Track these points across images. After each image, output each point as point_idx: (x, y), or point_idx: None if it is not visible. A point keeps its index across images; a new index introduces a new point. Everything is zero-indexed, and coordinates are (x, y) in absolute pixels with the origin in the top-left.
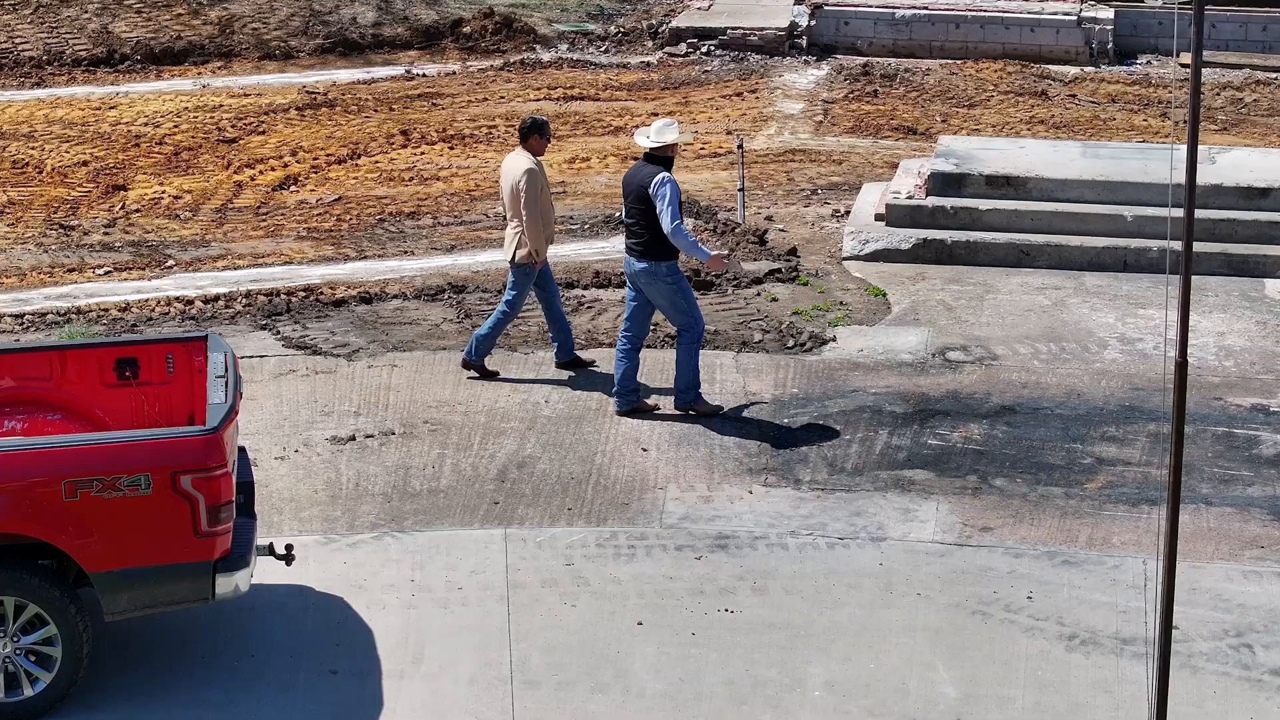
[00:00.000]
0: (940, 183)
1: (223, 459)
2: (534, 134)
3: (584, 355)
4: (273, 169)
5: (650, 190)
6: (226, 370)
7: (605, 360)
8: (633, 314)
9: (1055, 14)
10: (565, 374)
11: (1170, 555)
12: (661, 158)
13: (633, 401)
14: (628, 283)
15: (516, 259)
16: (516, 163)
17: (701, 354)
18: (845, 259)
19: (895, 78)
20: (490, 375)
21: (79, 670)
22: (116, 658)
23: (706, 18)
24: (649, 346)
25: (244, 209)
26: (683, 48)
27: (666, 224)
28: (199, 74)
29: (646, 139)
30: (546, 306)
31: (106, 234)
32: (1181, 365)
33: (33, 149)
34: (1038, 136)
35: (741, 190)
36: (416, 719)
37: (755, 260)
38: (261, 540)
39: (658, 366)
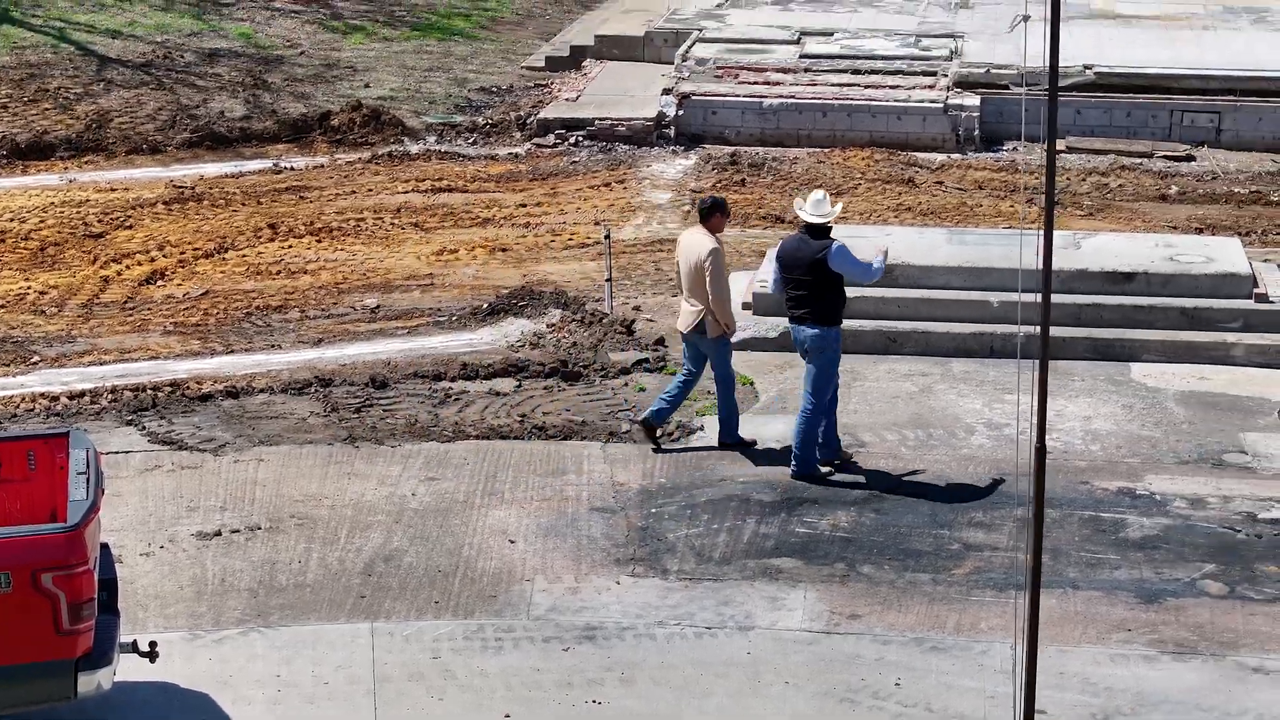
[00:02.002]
0: None
1: (84, 556)
2: (716, 212)
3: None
4: (139, 263)
5: (831, 262)
6: (88, 466)
7: (474, 453)
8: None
9: (922, 102)
10: (432, 471)
11: (1032, 639)
12: (823, 229)
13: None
14: (800, 352)
15: (710, 335)
16: (699, 241)
17: (568, 445)
18: None
19: (763, 167)
20: (656, 442)
21: None
22: None
23: (574, 109)
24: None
25: (110, 304)
26: (551, 139)
27: (868, 277)
28: (65, 168)
29: (806, 213)
30: (690, 383)
31: None
32: (1040, 450)
33: None
34: (905, 224)
35: (609, 280)
36: None
37: (623, 350)
38: (125, 637)
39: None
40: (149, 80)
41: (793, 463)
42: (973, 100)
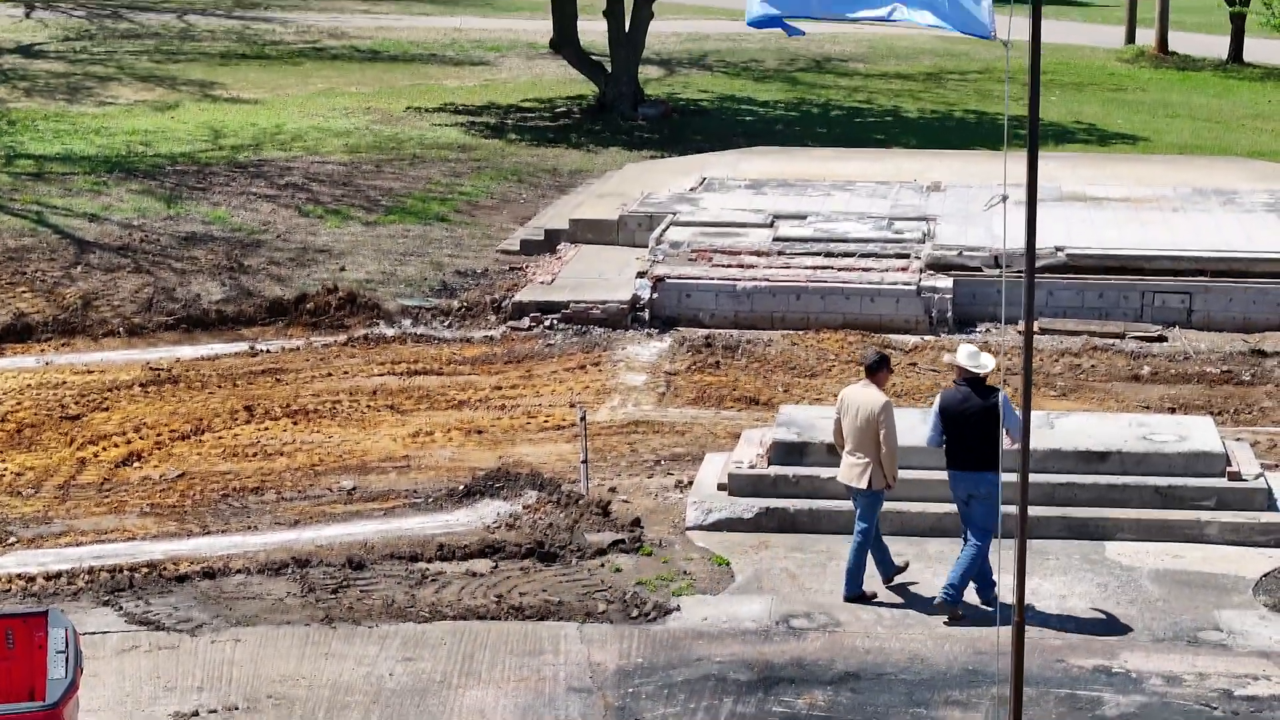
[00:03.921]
0: (782, 452)
1: None
2: (883, 368)
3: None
4: (116, 445)
5: (1000, 408)
6: (67, 646)
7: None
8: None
9: (895, 284)
10: (409, 651)
11: None
12: (979, 379)
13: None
14: (961, 497)
15: (873, 486)
16: (870, 396)
17: (545, 625)
18: (689, 529)
19: (737, 349)
20: (870, 598)
21: None
22: None
23: (549, 292)
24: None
25: (87, 485)
26: (526, 321)
27: (1018, 433)
28: (43, 351)
29: (969, 366)
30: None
31: None
32: (1019, 627)
33: None
34: None
35: (585, 462)
36: None
37: (599, 531)
38: None
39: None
40: (126, 263)
41: (944, 592)
42: (945, 282)
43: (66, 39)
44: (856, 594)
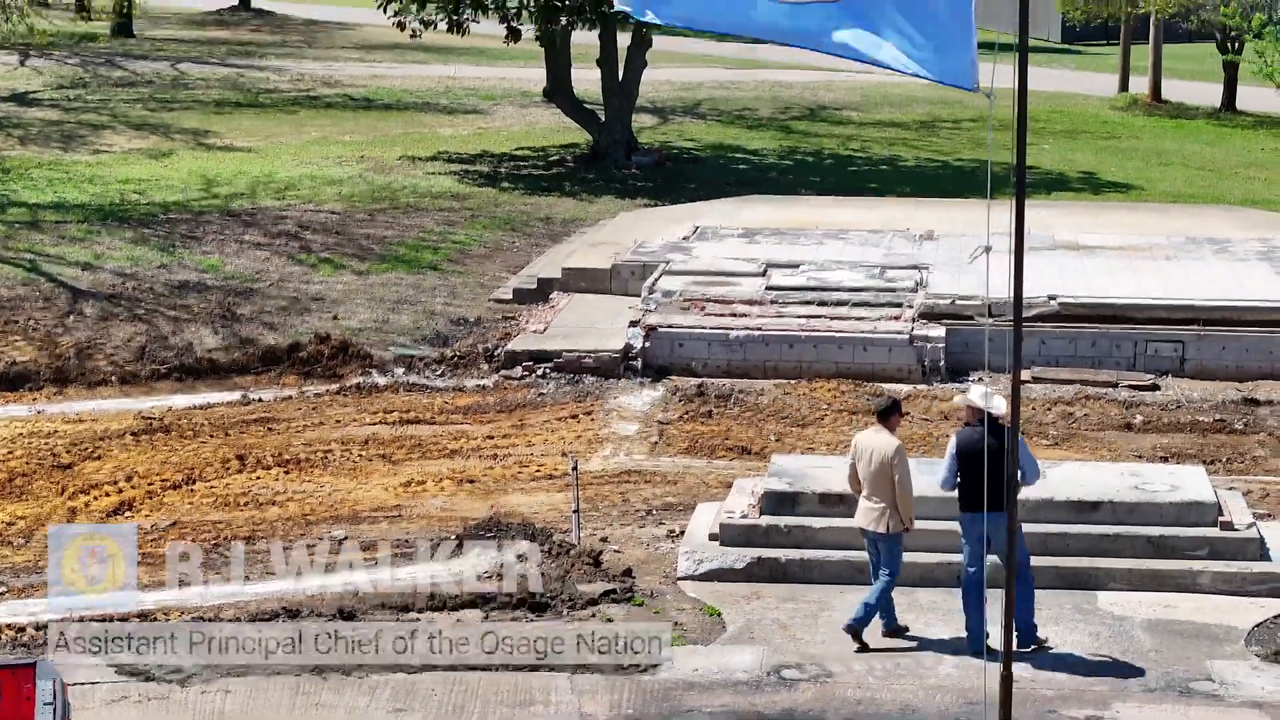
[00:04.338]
0: (774, 502)
1: None
2: (894, 413)
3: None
4: (107, 494)
5: (1020, 452)
6: (55, 697)
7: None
8: (982, 561)
9: (888, 332)
10: (400, 702)
11: None
12: (992, 419)
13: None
14: (976, 540)
15: (891, 530)
16: (883, 441)
17: (535, 676)
18: (680, 579)
19: (730, 398)
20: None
21: None
22: None
23: (542, 341)
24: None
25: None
26: (519, 370)
27: (1034, 472)
28: (34, 399)
29: (982, 402)
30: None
31: None
32: (1007, 678)
33: None
34: None
35: (577, 512)
36: None
37: (590, 582)
38: None
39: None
40: (119, 312)
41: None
42: (938, 331)
43: (60, 87)
44: (858, 629)
